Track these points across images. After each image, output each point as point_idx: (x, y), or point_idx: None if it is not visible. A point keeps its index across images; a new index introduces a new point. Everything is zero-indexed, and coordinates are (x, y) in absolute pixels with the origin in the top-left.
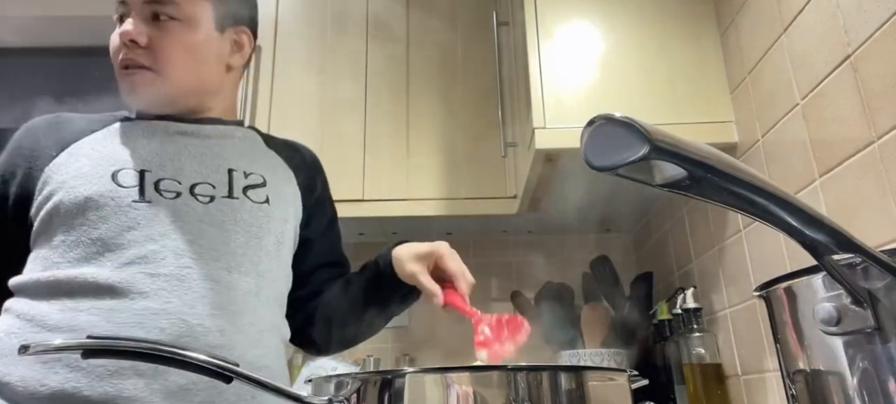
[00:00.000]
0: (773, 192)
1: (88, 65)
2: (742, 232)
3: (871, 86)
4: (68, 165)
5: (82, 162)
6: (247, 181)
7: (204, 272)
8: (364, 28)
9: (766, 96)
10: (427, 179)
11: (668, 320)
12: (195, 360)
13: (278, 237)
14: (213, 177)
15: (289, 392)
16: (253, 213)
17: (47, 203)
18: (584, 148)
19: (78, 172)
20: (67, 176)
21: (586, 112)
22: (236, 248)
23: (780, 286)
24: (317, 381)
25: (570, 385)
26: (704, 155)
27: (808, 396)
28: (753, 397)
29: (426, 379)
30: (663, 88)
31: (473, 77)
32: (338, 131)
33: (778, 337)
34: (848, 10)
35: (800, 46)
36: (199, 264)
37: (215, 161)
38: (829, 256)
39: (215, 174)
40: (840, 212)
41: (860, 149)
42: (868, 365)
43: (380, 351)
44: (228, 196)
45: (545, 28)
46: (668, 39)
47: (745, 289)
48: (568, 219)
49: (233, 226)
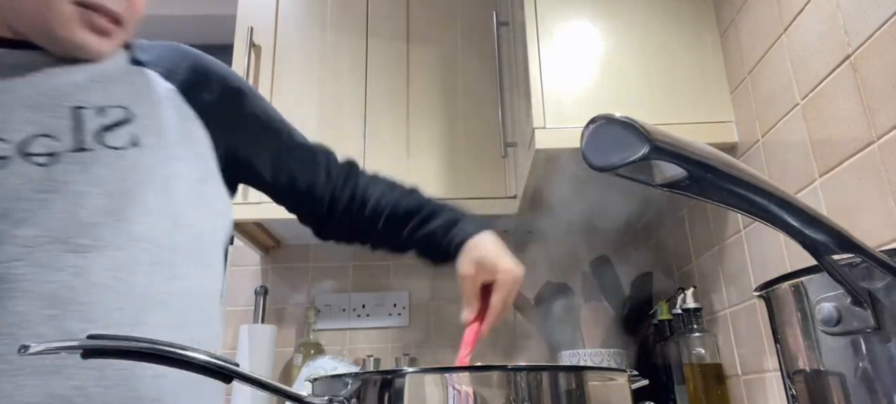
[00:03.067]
0: (773, 192)
1: None
2: (742, 232)
3: (871, 86)
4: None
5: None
6: (103, 119)
7: (41, 261)
8: (364, 27)
9: (766, 96)
10: (427, 179)
11: (668, 320)
12: (195, 360)
13: (162, 184)
14: (52, 123)
15: (289, 392)
16: (115, 166)
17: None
18: (584, 148)
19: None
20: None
21: (586, 112)
22: (91, 218)
23: (780, 286)
24: (317, 381)
25: (570, 385)
26: (704, 155)
27: (808, 396)
28: (753, 397)
29: (426, 379)
30: (663, 88)
31: (473, 77)
32: (338, 131)
33: (778, 337)
34: (848, 10)
35: (800, 46)
36: (36, 253)
37: (55, 98)
38: (829, 256)
39: (56, 119)
40: (840, 212)
41: (860, 149)
42: (868, 365)
43: (380, 352)
44: (76, 148)
45: (545, 28)
46: (668, 39)
47: (745, 288)
48: (568, 218)
49: (85, 189)
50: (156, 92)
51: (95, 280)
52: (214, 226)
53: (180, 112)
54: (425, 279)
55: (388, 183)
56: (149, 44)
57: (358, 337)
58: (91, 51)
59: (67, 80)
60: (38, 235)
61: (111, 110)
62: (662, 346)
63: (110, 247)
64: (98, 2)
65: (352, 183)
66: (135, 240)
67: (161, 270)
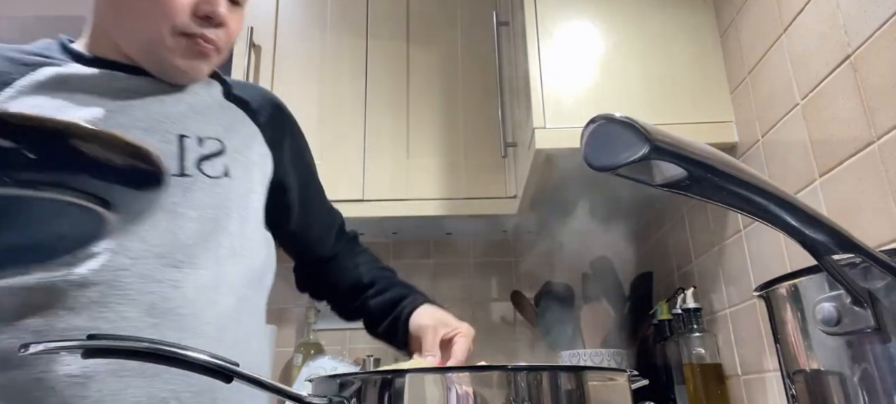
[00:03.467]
0: (773, 192)
1: None
2: (742, 232)
3: (871, 86)
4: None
5: None
6: (202, 149)
7: (143, 273)
8: (364, 27)
9: (766, 96)
10: (427, 179)
11: (668, 320)
12: (195, 360)
13: (241, 214)
14: (161, 148)
15: (289, 392)
16: (209, 192)
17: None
18: (584, 148)
19: None
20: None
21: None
22: (188, 239)
23: (780, 286)
24: (317, 381)
25: (570, 385)
26: (704, 155)
27: (808, 396)
28: (753, 397)
29: (426, 379)
30: (663, 88)
31: (473, 77)
32: (338, 131)
33: (778, 337)
34: (848, 10)
35: (800, 46)
36: (139, 264)
37: (162, 124)
38: (829, 256)
39: (163, 143)
40: (840, 212)
41: (860, 149)
42: (868, 365)
43: (380, 352)
44: (180, 173)
45: (545, 28)
46: (668, 39)
47: (745, 288)
48: (568, 219)
49: (184, 211)
50: (244, 128)
51: (188, 295)
52: (268, 255)
53: (260, 150)
54: (425, 279)
55: (374, 259)
56: (241, 83)
57: (358, 338)
58: (192, 76)
59: (173, 108)
60: (143, 249)
61: (208, 141)
62: (662, 346)
63: (201, 267)
64: (200, 31)
65: (355, 251)
66: (220, 262)
67: (235, 291)
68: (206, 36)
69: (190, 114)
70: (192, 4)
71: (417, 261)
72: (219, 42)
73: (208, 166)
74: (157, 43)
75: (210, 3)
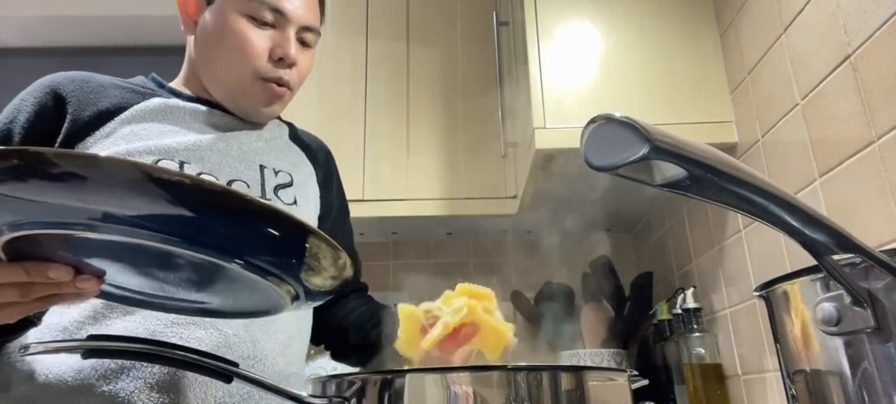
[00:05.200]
0: (773, 192)
1: (89, 65)
2: (742, 232)
3: (871, 86)
4: (103, 146)
5: (120, 146)
6: (277, 179)
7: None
8: (364, 27)
9: (766, 96)
10: (427, 179)
11: (668, 320)
12: (195, 360)
13: None
14: (247, 174)
15: (288, 392)
16: None
17: None
18: (585, 148)
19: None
20: None
21: (586, 112)
22: None
23: (780, 286)
24: (317, 381)
25: (570, 385)
26: (704, 155)
27: (808, 396)
28: (753, 397)
29: (426, 379)
30: (663, 88)
31: (473, 77)
32: (338, 131)
33: (778, 337)
34: (848, 10)
35: (800, 46)
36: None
37: (248, 155)
38: (829, 256)
39: (249, 171)
40: (840, 212)
41: (860, 149)
42: (868, 365)
43: None
44: (261, 196)
45: (545, 28)
46: (668, 39)
47: (745, 288)
48: (568, 219)
49: None
50: (305, 167)
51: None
52: None
53: (314, 188)
54: (425, 279)
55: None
56: (303, 131)
57: None
58: (269, 116)
59: (255, 144)
60: None
61: (281, 173)
62: (662, 346)
63: None
64: (276, 75)
65: (361, 298)
66: None
67: (294, 313)
68: (281, 79)
69: (267, 149)
70: (269, 49)
71: (417, 261)
72: (291, 82)
73: (283, 194)
74: (240, 87)
75: (283, 47)
